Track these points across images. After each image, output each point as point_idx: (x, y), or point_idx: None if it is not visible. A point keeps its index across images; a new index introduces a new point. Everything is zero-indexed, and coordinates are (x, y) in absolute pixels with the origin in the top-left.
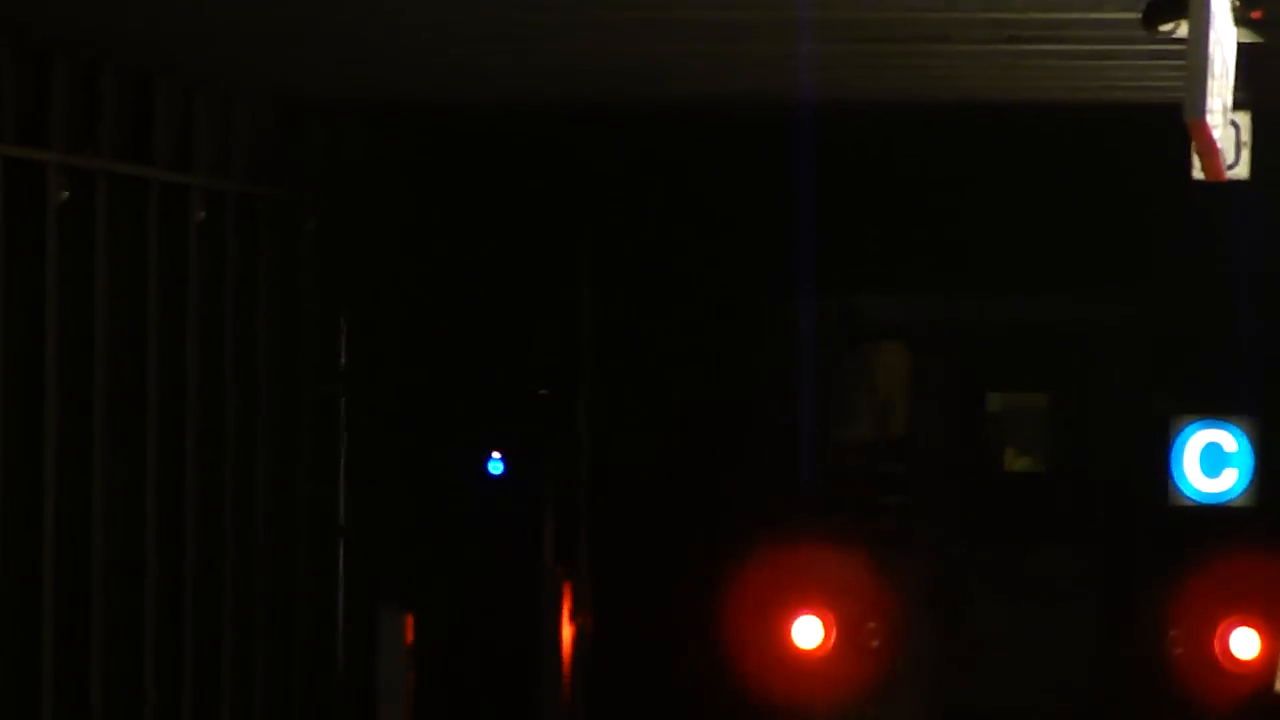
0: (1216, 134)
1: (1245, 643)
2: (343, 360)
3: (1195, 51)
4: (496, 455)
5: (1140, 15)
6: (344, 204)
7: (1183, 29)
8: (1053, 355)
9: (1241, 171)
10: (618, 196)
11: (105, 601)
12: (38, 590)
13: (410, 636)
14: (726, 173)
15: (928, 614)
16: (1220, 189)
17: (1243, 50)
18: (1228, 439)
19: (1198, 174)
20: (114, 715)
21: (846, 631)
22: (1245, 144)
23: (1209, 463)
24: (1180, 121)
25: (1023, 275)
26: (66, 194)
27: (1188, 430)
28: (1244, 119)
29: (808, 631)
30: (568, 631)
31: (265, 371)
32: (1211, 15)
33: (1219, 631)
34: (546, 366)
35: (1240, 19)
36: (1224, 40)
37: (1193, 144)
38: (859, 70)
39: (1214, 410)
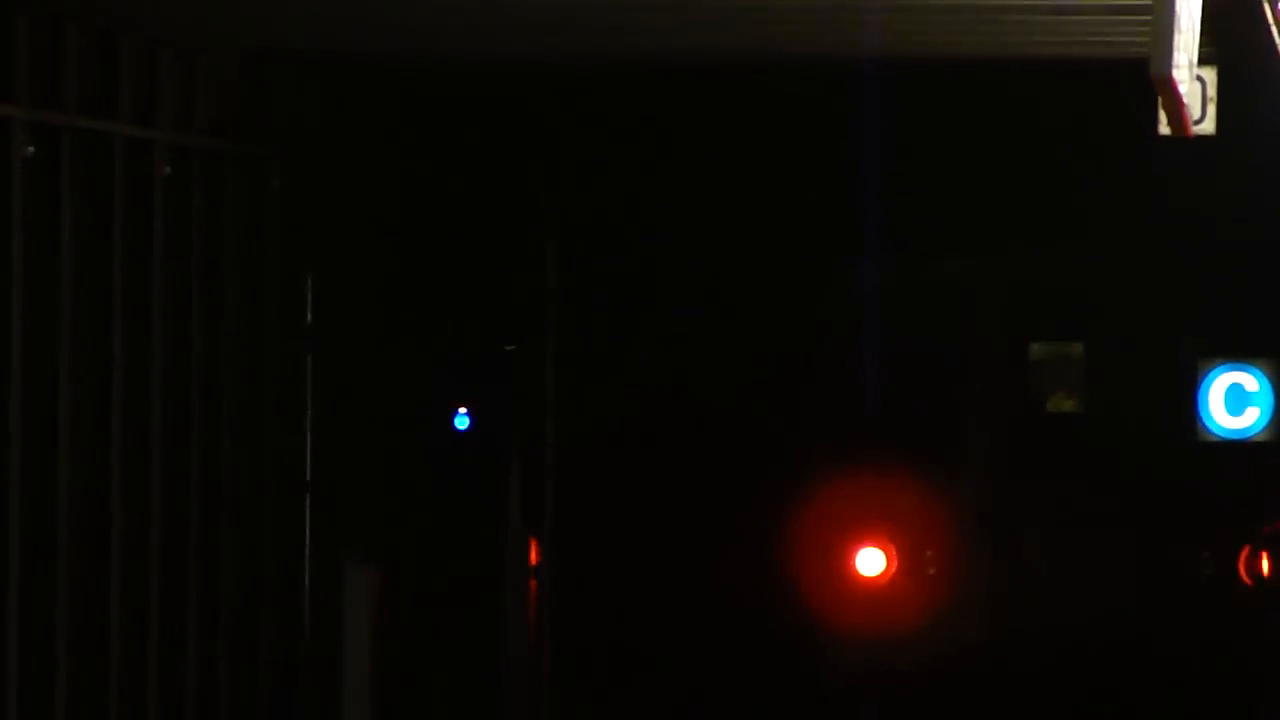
0: (1183, 89)
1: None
2: (309, 317)
3: (1161, 6)
4: (462, 410)
5: None
6: (310, 161)
7: None
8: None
9: (1208, 127)
10: (585, 150)
11: (70, 556)
12: (4, 544)
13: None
14: (694, 128)
15: (980, 541)
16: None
17: (1208, 5)
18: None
19: (1164, 129)
20: (79, 670)
21: (906, 560)
22: (1211, 99)
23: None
24: (1146, 77)
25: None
26: (31, 149)
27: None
28: (1210, 74)
29: (871, 561)
30: (533, 586)
31: (231, 327)
32: None
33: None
34: (514, 322)
35: None
36: None
37: (1159, 100)
38: (821, 27)
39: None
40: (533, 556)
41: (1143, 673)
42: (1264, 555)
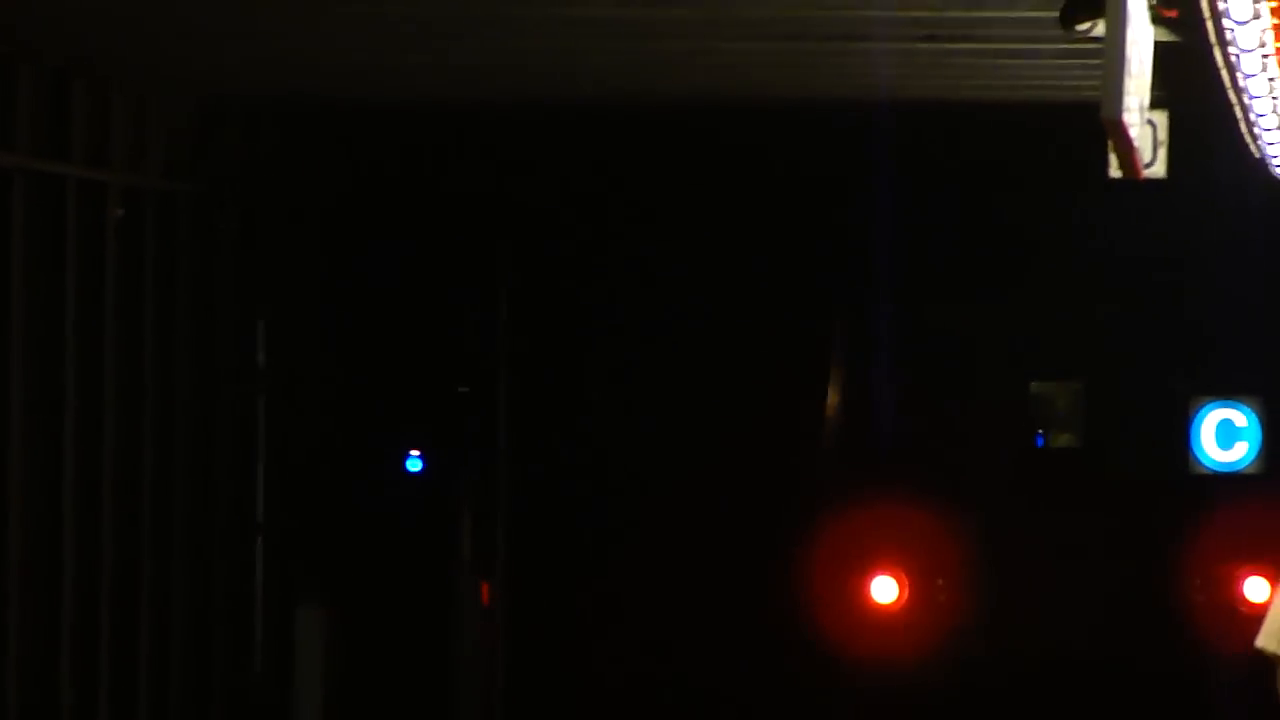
0: (1134, 133)
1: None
2: (261, 358)
3: (1112, 50)
4: (415, 453)
5: (1057, 14)
6: (263, 202)
7: (1099, 28)
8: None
9: (1158, 170)
10: (537, 196)
11: (21, 598)
12: None
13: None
14: (656, 170)
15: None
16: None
17: (1159, 49)
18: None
19: (1115, 172)
20: (30, 713)
21: (918, 587)
22: (1162, 143)
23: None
24: (1098, 120)
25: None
26: None
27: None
28: (1161, 118)
29: (885, 589)
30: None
31: (183, 369)
32: (1128, 14)
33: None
34: (466, 364)
35: (1156, 18)
36: (1140, 39)
37: (1110, 143)
38: (774, 69)
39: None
40: (484, 598)
41: (1135, 690)
42: None
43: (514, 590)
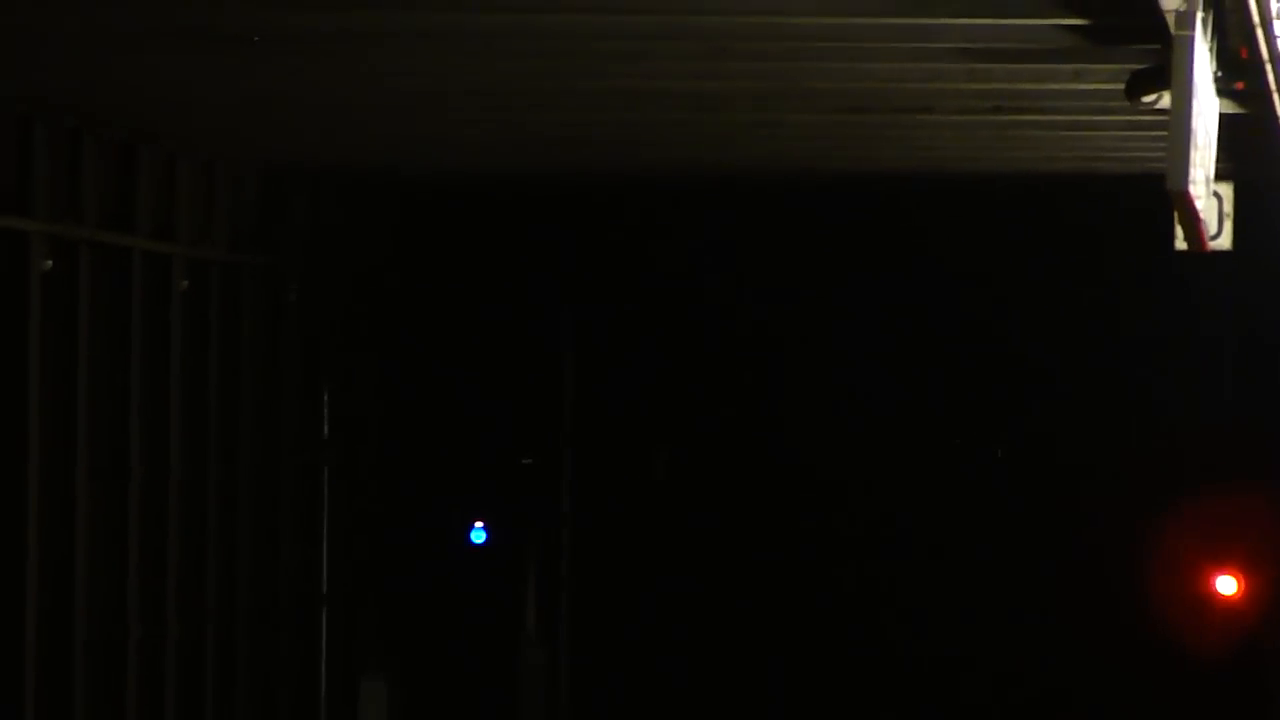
0: (1199, 205)
1: None
2: (325, 429)
3: (1178, 123)
4: (479, 524)
5: (1123, 86)
6: (327, 273)
7: (1165, 100)
8: None
9: (1224, 242)
10: (601, 262)
11: (87, 669)
12: (20, 661)
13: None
14: (711, 243)
15: None
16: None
17: (1225, 121)
18: None
19: (1181, 244)
20: None
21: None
22: (1228, 215)
23: None
24: (1164, 192)
25: None
26: (50, 263)
27: None
28: (1226, 190)
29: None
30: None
31: (248, 440)
32: (1194, 87)
33: None
34: (530, 437)
35: (1222, 90)
36: (1206, 111)
37: (1175, 214)
38: (840, 141)
39: None
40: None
41: None
42: None
43: (578, 660)
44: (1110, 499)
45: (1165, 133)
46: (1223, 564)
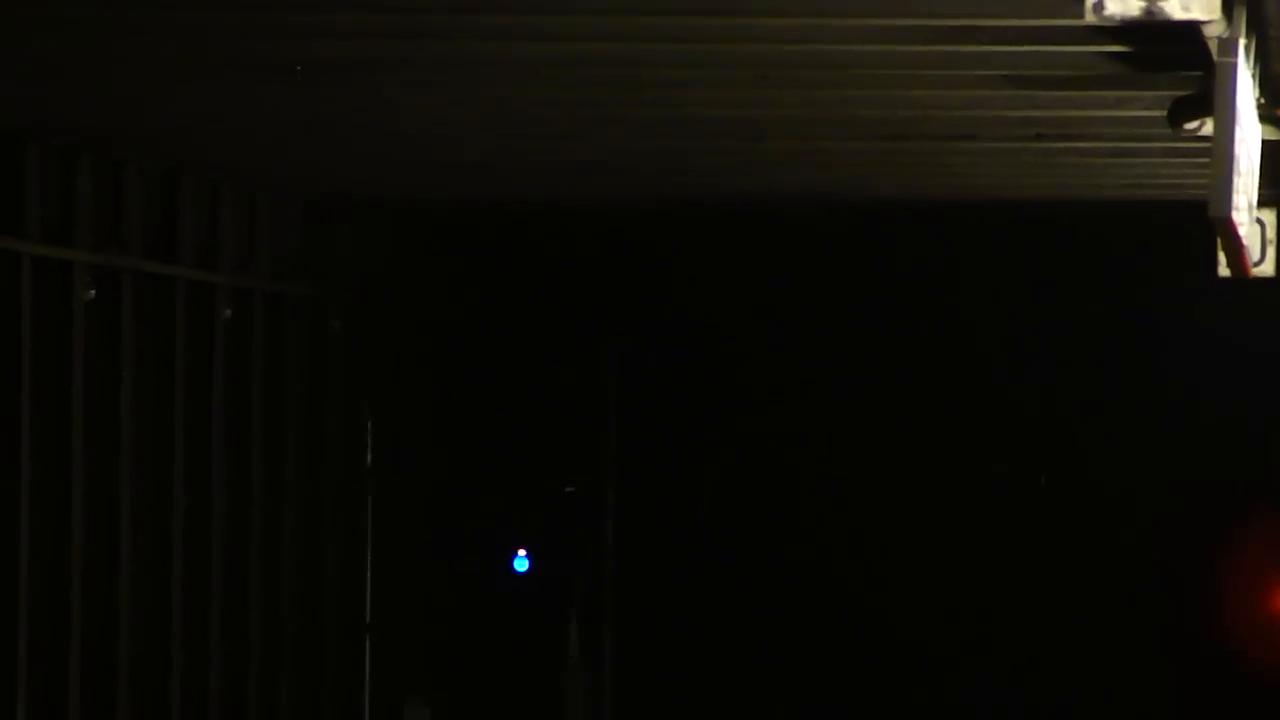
0: (1242, 231)
1: None
2: (369, 457)
3: (1220, 149)
4: (522, 552)
5: (1165, 113)
6: (370, 302)
7: (1208, 126)
8: None
9: (1268, 268)
10: (646, 294)
11: (131, 697)
12: (65, 689)
13: None
14: (756, 271)
15: None
16: None
17: (1268, 147)
18: None
19: (1224, 271)
20: None
21: None
22: (1271, 241)
23: None
24: (1206, 219)
25: None
26: (93, 292)
27: None
28: (1269, 216)
29: None
30: None
31: (292, 469)
32: (1237, 112)
33: None
34: (573, 463)
35: (1265, 116)
36: (1249, 138)
37: (1219, 241)
38: (882, 168)
39: None
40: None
41: None
42: None
43: (622, 688)
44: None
45: (1208, 159)
46: None
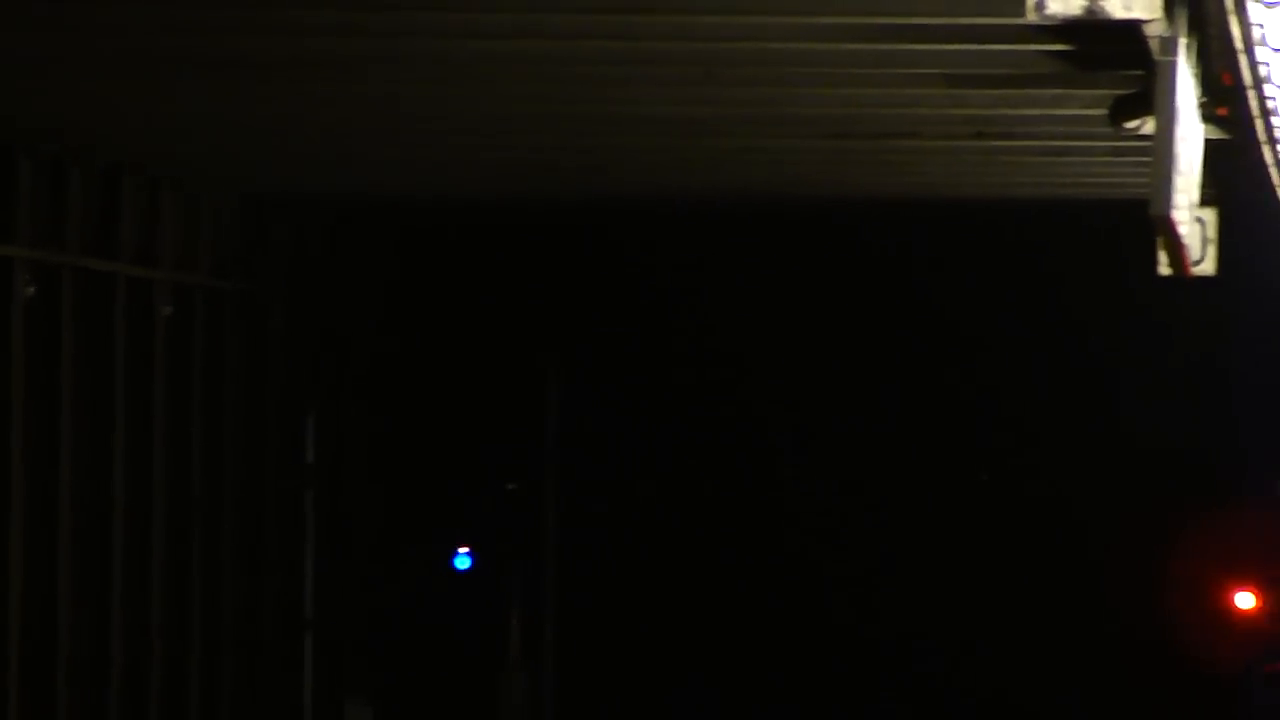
0: (1183, 230)
1: None
2: (309, 454)
3: (1161, 147)
4: (463, 550)
5: (1107, 111)
6: (310, 298)
7: (1149, 125)
8: None
9: (1208, 267)
10: (586, 285)
11: (70, 695)
12: (4, 686)
13: None
14: (694, 272)
15: None
16: None
17: (1209, 146)
18: None
19: (1164, 270)
20: None
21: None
22: (1211, 240)
23: None
24: (1147, 217)
25: None
26: (32, 289)
27: None
28: (1210, 215)
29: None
30: None
31: (232, 465)
32: (1177, 111)
33: None
34: (514, 461)
35: (1206, 115)
36: (1190, 136)
37: (1159, 240)
38: (826, 166)
39: None
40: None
41: None
42: None
43: (561, 686)
44: (1120, 520)
45: (1149, 158)
46: (1241, 580)
